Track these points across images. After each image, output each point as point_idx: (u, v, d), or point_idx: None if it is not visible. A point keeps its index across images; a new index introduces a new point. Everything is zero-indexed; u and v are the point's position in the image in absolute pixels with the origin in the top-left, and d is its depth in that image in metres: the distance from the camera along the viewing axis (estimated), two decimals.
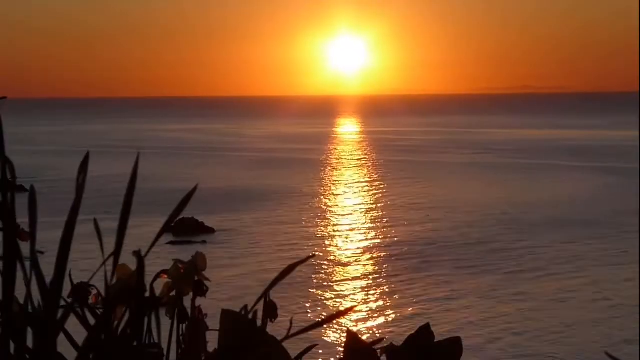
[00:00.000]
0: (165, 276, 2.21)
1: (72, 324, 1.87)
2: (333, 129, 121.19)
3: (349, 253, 29.75)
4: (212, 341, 2.21)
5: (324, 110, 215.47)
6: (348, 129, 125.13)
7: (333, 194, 45.96)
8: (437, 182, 50.33)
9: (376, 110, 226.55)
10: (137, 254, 1.77)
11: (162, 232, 1.87)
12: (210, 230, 33.04)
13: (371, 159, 69.43)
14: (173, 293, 2.20)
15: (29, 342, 1.78)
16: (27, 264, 1.81)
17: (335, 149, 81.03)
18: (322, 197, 44.27)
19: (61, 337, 1.84)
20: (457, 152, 73.99)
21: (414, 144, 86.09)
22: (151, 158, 64.24)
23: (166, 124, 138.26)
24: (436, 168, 59.45)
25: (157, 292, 2.12)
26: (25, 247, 1.83)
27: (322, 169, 59.78)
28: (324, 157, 70.74)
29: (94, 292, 2.03)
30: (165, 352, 2.05)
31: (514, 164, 61.56)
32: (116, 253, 1.80)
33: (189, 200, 1.86)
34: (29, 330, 1.78)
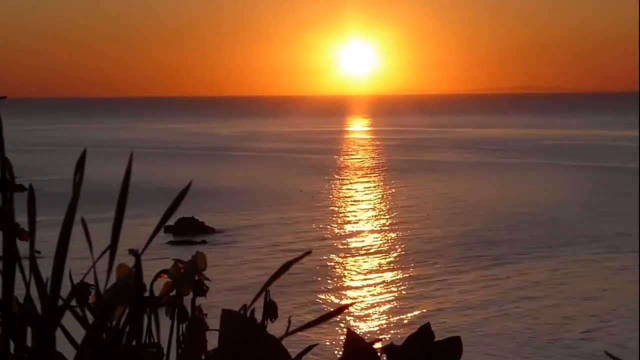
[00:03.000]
0: (166, 276, 2.21)
1: (73, 324, 1.87)
2: (336, 129, 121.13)
3: (348, 252, 29.76)
4: (212, 341, 2.20)
5: (332, 110, 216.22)
6: (351, 128, 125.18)
7: (333, 193, 45.98)
8: (436, 181, 50.34)
9: (377, 110, 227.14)
10: (134, 252, 1.76)
11: (157, 229, 1.86)
12: (211, 230, 33.04)
13: (371, 158, 69.47)
14: (173, 293, 2.20)
15: (29, 342, 1.77)
16: (26, 263, 1.80)
17: (337, 148, 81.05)
18: (321, 196, 44.27)
19: (61, 337, 1.83)
20: (455, 152, 74.02)
21: (413, 143, 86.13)
22: (153, 158, 64.25)
23: (178, 123, 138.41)
24: (435, 167, 59.47)
25: (157, 292, 2.12)
26: (24, 247, 1.82)
27: (322, 168, 59.80)
28: (324, 157, 70.76)
29: (94, 291, 2.02)
30: (165, 352, 2.05)
31: (510, 164, 61.60)
32: (112, 252, 1.79)
33: (183, 197, 1.85)
34: (29, 329, 1.78)
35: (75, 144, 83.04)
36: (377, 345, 2.38)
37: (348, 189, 48.53)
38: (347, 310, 22.43)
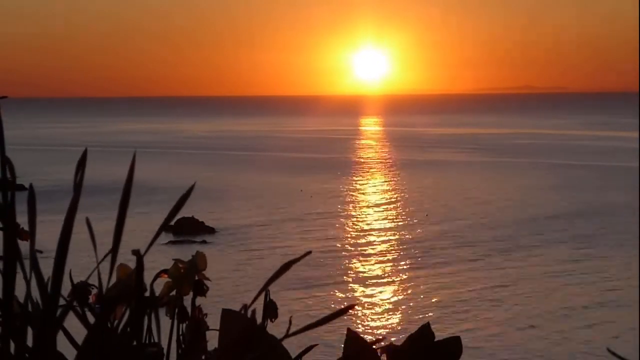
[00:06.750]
0: (166, 276, 2.21)
1: (73, 324, 1.87)
2: (344, 128, 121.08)
3: (348, 251, 29.76)
4: (212, 341, 2.20)
5: (343, 110, 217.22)
6: (353, 128, 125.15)
7: (332, 193, 45.96)
8: (435, 180, 50.34)
9: (378, 109, 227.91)
10: (136, 252, 1.76)
11: (161, 230, 1.86)
12: (211, 230, 33.05)
13: (370, 158, 69.46)
14: (173, 293, 2.20)
15: (29, 341, 1.77)
16: (27, 262, 1.80)
17: (338, 148, 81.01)
18: (320, 196, 44.26)
19: (61, 337, 1.83)
20: (451, 151, 74.04)
21: (413, 143, 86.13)
22: (152, 157, 64.24)
23: (183, 123, 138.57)
24: (434, 166, 59.48)
25: (158, 291, 2.12)
26: (24, 246, 1.82)
27: (321, 168, 59.79)
28: (324, 156, 70.75)
29: (95, 291, 2.02)
30: (165, 351, 2.04)
31: (504, 163, 61.67)
32: (114, 252, 1.79)
33: (187, 198, 1.85)
34: (29, 329, 1.77)
35: (59, 143, 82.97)
36: (378, 344, 2.38)
37: (347, 188, 48.52)
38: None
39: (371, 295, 24.02)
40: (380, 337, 2.33)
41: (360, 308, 22.33)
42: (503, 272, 26.48)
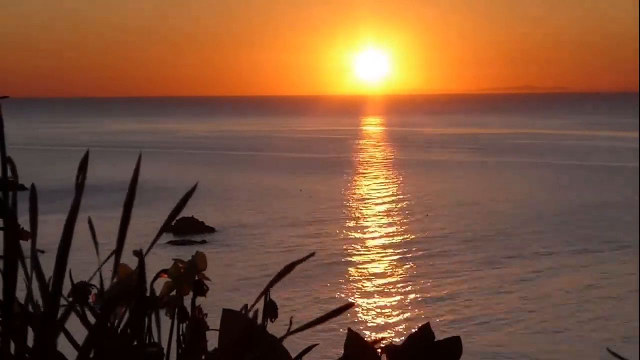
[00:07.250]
0: (166, 275, 2.21)
1: (73, 324, 1.87)
2: (343, 128, 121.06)
3: (348, 251, 29.76)
4: (212, 341, 2.21)
5: (343, 109, 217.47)
6: (353, 128, 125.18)
7: (332, 193, 45.96)
8: (433, 180, 50.34)
9: (381, 110, 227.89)
10: (138, 253, 1.76)
11: (162, 230, 1.87)
12: (211, 230, 33.04)
13: (370, 158, 69.47)
14: (173, 293, 2.20)
15: (30, 342, 1.77)
16: (28, 262, 1.80)
17: (339, 147, 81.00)
18: (319, 196, 44.26)
19: (62, 337, 1.84)
20: (453, 151, 74.06)
21: (412, 143, 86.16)
22: (152, 157, 64.23)
23: (182, 124, 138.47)
24: (433, 165, 59.50)
25: (158, 291, 2.12)
26: (25, 246, 1.83)
27: (321, 168, 59.78)
28: (323, 157, 70.74)
29: (94, 291, 2.02)
30: (165, 351, 2.05)
31: (502, 163, 61.69)
32: (117, 252, 1.80)
33: (188, 199, 1.86)
34: (30, 329, 1.78)
35: (59, 143, 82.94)
36: (378, 344, 2.38)
37: (347, 188, 48.51)
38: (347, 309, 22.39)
39: (370, 295, 24.03)
40: (381, 337, 2.33)
41: (359, 308, 22.33)
42: (502, 271, 26.49)
